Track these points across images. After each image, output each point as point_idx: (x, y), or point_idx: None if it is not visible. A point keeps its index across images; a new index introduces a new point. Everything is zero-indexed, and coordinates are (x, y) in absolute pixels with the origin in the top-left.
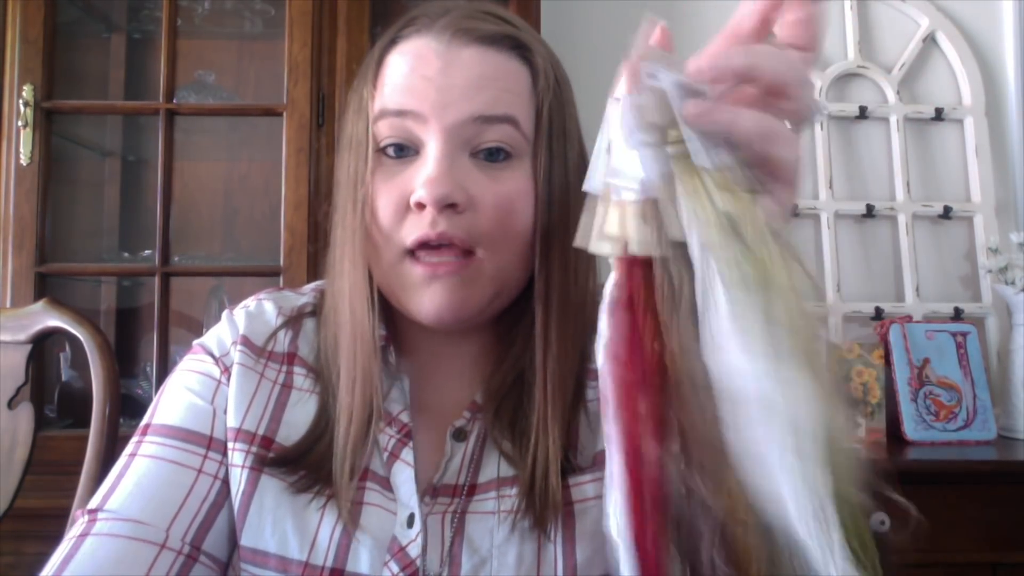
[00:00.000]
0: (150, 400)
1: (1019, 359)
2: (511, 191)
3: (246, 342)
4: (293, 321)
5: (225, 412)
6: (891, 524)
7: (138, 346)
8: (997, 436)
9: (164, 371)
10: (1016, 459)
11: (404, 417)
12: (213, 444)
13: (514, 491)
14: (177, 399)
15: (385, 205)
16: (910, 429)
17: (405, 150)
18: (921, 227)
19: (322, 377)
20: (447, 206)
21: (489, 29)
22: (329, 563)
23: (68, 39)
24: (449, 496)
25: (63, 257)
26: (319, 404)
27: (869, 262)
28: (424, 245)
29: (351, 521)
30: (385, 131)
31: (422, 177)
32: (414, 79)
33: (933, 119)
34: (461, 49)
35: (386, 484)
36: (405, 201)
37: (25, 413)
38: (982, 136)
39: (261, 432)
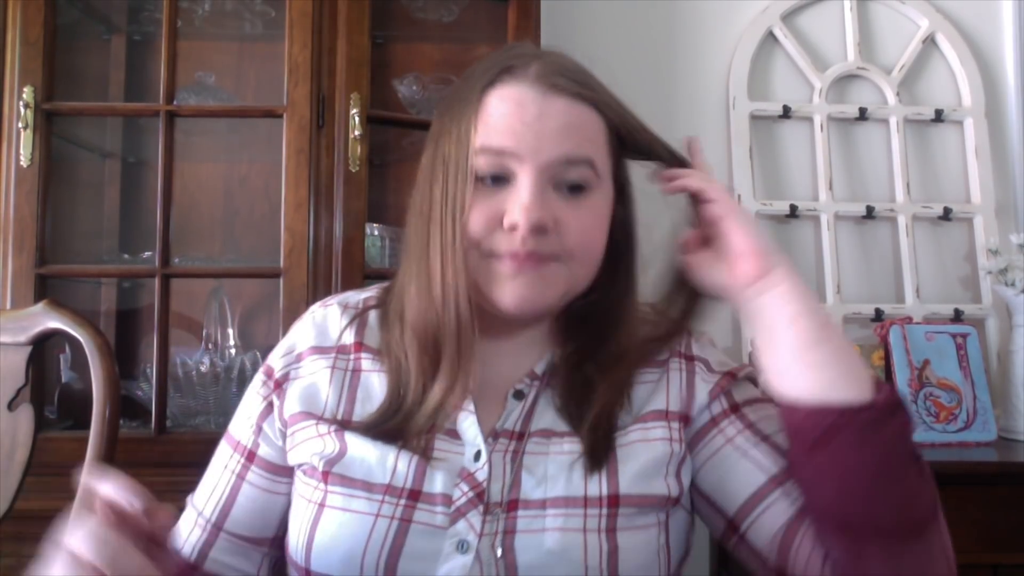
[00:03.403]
0: (150, 402)
1: (1019, 360)
2: (589, 218)
3: (316, 350)
4: (359, 316)
5: (279, 421)
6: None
7: (138, 348)
8: (997, 437)
9: (164, 372)
10: (1016, 460)
11: None
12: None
13: (565, 440)
14: (244, 420)
15: (477, 220)
16: None
17: (499, 180)
18: (921, 228)
19: (389, 357)
20: (537, 230)
21: (575, 87)
22: (408, 485)
23: (68, 41)
24: (508, 439)
25: (63, 258)
26: (390, 380)
27: (869, 263)
28: (513, 258)
29: (426, 456)
30: (484, 164)
31: (519, 204)
32: (514, 122)
33: (933, 120)
34: (554, 100)
35: (453, 435)
36: (498, 220)
37: (25, 414)
38: (982, 137)
39: (340, 414)
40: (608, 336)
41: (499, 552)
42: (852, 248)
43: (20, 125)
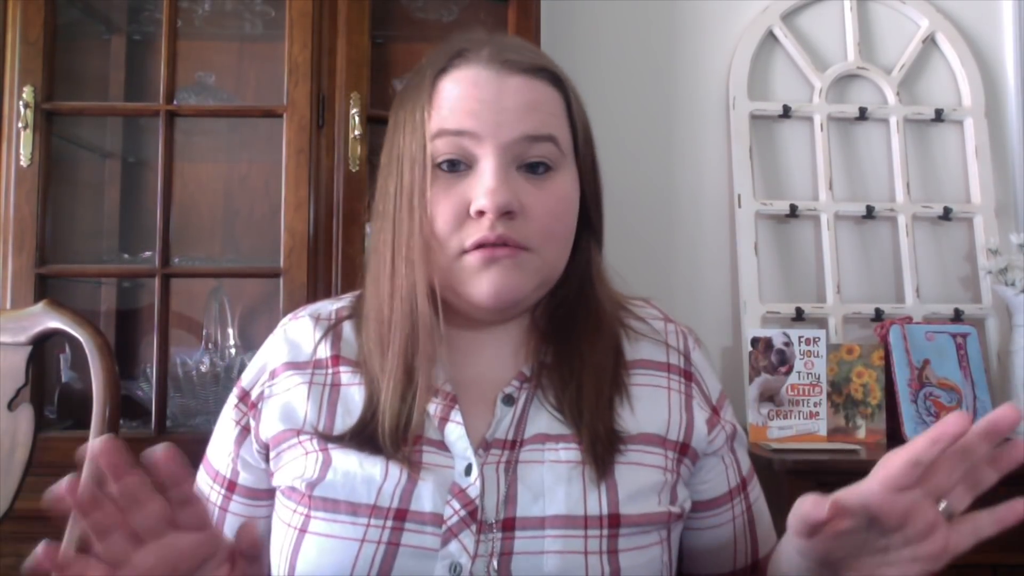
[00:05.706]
0: (150, 402)
1: (1019, 360)
2: (556, 199)
3: (290, 366)
4: (332, 328)
5: (256, 443)
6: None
7: (138, 347)
8: None
9: (164, 372)
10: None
11: (448, 387)
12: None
13: (560, 446)
14: (221, 448)
15: (443, 213)
16: (910, 430)
17: (458, 165)
18: (921, 228)
19: (366, 369)
20: (504, 213)
21: (530, 62)
22: (395, 504)
23: (68, 40)
24: (500, 448)
25: (63, 258)
26: (367, 391)
27: (869, 263)
28: (482, 246)
29: (413, 470)
30: (442, 148)
31: (482, 188)
32: (471, 103)
33: (933, 120)
34: (510, 77)
35: (440, 446)
36: (464, 209)
37: (25, 414)
38: (982, 137)
39: (321, 428)
40: (590, 325)
41: (495, 575)
42: (852, 248)
43: (20, 125)
